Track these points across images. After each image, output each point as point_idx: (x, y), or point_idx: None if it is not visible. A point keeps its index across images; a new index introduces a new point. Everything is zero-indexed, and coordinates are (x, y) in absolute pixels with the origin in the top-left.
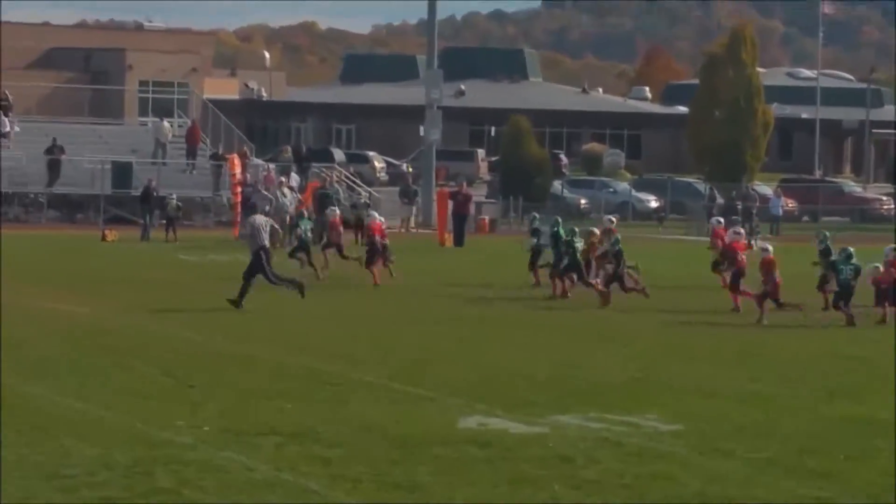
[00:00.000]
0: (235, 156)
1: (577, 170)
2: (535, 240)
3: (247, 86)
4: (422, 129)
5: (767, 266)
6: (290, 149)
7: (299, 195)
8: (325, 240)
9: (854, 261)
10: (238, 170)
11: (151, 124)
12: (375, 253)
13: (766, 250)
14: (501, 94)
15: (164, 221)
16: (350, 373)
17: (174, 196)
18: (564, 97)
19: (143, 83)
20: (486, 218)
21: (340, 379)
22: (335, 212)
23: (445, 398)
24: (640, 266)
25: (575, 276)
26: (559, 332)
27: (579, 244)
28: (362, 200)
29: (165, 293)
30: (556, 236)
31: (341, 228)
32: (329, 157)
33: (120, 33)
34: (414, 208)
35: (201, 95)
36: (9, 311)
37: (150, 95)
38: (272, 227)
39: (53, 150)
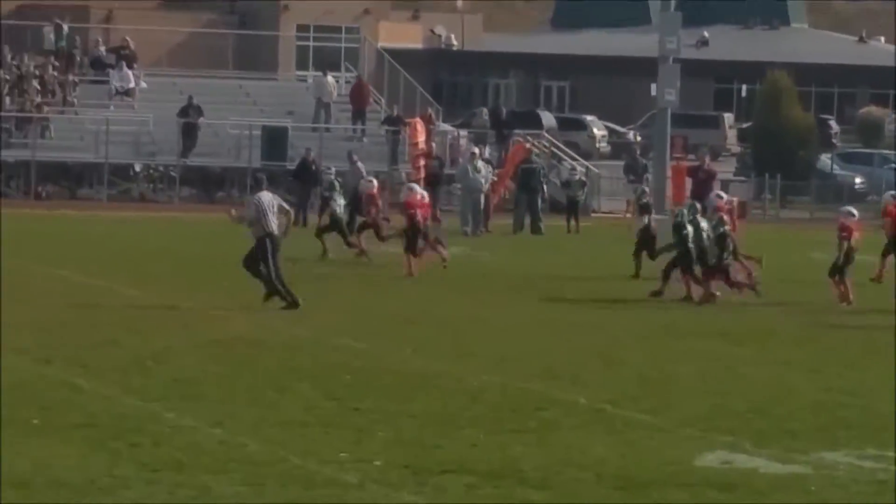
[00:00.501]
0: (418, 120)
1: (851, 140)
2: None
3: (433, 32)
4: (654, 87)
5: None
6: (486, 111)
7: (495, 170)
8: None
9: None
10: (421, 138)
11: (312, 80)
12: (417, 235)
13: None
14: (755, 45)
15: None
16: (558, 394)
17: (332, 170)
18: (836, 48)
19: (301, 28)
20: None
21: (546, 402)
22: (372, 183)
23: (679, 428)
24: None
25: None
26: (822, 348)
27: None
28: (577, 177)
29: (325, 290)
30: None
31: (380, 202)
32: (536, 123)
33: None
34: (643, 188)
35: (375, 44)
36: (147, 317)
37: (311, 44)
38: (280, 206)
39: (189, 112)
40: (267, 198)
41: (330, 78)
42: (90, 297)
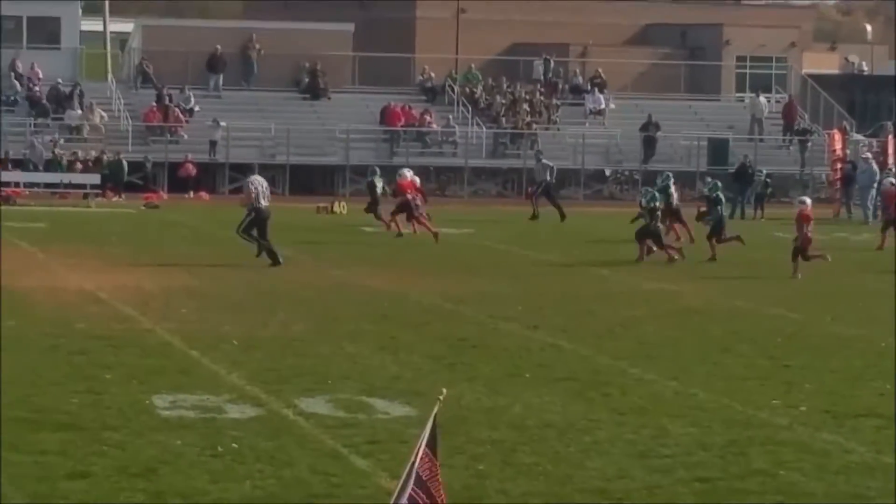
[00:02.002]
0: (836, 132)
1: None
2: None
3: (847, 60)
4: None
5: None
6: (890, 125)
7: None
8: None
9: None
10: (838, 146)
11: (748, 100)
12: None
13: None
14: None
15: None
16: None
17: (763, 172)
18: None
19: (740, 59)
20: None
21: None
22: (405, 174)
23: None
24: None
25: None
26: None
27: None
28: None
29: (755, 272)
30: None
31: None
32: None
33: (717, 9)
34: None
35: (800, 70)
36: (616, 292)
37: (748, 71)
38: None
39: (649, 127)
40: (260, 179)
41: (762, 98)
42: (571, 277)
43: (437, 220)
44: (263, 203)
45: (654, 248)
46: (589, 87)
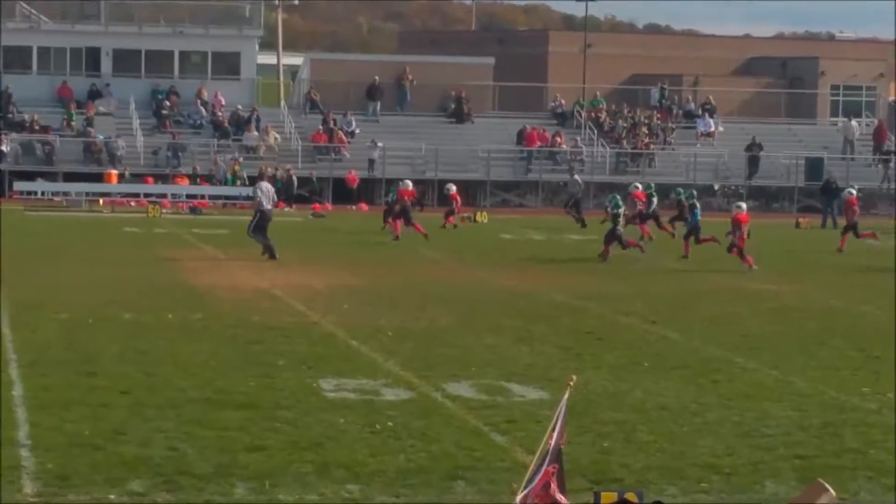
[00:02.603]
0: None
1: None
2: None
3: None
4: None
5: None
6: None
7: None
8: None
9: None
10: None
11: (841, 124)
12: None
13: None
14: None
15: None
16: None
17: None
18: None
19: (834, 87)
20: None
21: None
22: (407, 184)
23: None
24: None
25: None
26: None
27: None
28: None
29: (847, 275)
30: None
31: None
32: None
33: (814, 43)
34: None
35: (888, 98)
36: (723, 291)
37: (841, 98)
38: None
39: (753, 148)
40: (266, 185)
41: (854, 122)
42: (683, 278)
43: (565, 228)
44: (267, 206)
45: (622, 248)
46: (700, 112)
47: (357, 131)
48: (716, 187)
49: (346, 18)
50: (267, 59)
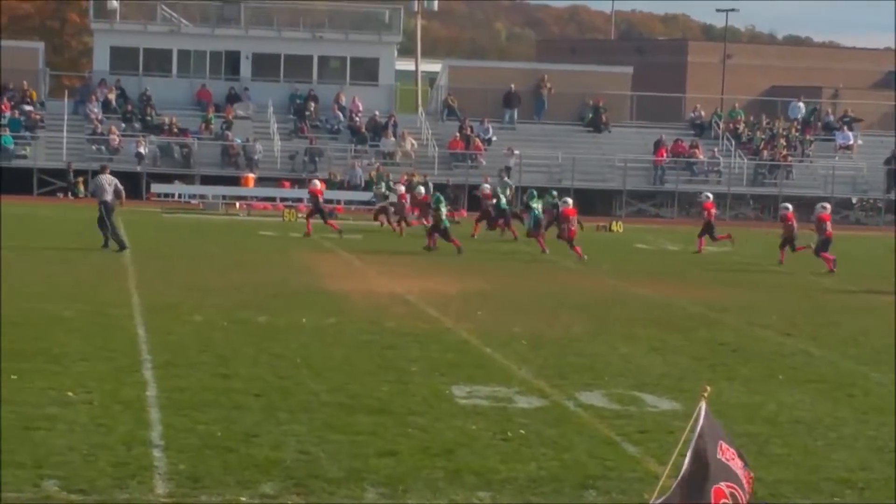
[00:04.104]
0: None
1: None
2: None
3: None
4: None
5: None
6: None
7: None
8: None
9: None
10: None
11: None
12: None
13: None
14: None
15: None
16: None
17: None
18: None
19: None
20: None
21: None
22: (421, 191)
23: None
24: None
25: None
26: None
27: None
28: None
29: None
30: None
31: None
32: None
33: None
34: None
35: None
36: (859, 305)
37: None
38: (116, 185)
39: (892, 161)
40: (104, 178)
41: None
42: (818, 292)
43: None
44: (108, 197)
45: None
46: (839, 125)
47: (494, 139)
48: (854, 200)
49: (485, 25)
50: (405, 65)
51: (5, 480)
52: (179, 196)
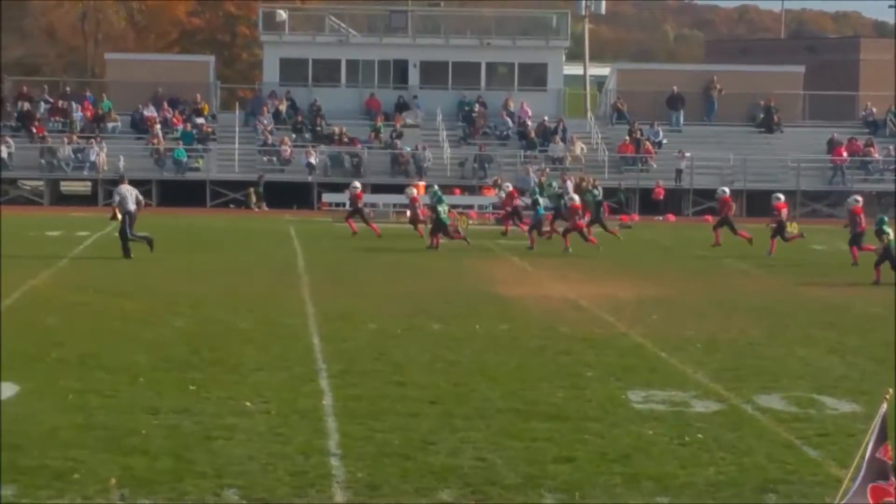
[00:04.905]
0: None
1: None
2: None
3: None
4: None
5: None
6: None
7: None
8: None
9: None
10: None
11: None
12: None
13: None
14: None
15: None
16: None
17: None
18: None
19: None
20: None
21: None
22: (412, 191)
23: None
24: None
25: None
26: None
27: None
28: None
29: None
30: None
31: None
32: None
33: None
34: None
35: None
36: None
37: None
38: (137, 196)
39: None
40: (125, 189)
41: None
42: None
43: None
44: (132, 207)
45: None
46: None
47: (664, 141)
48: None
49: (653, 26)
50: (573, 69)
51: (187, 490)
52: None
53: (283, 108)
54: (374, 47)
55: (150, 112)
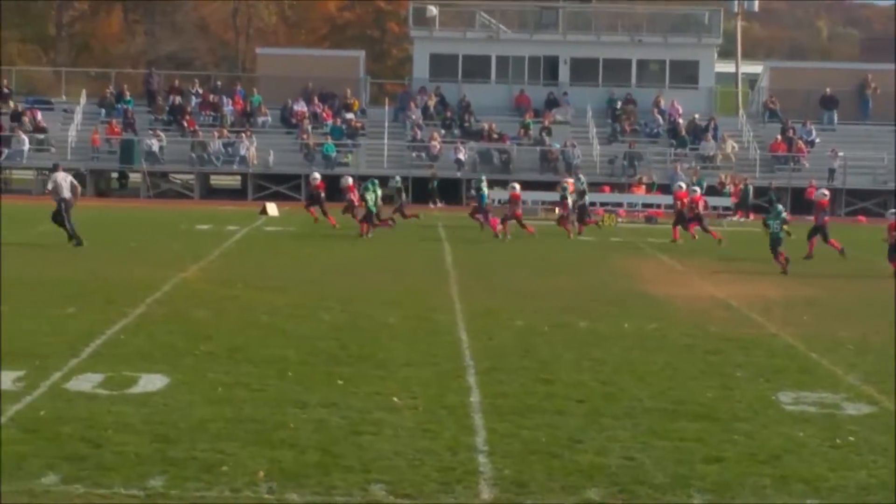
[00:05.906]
0: None
1: None
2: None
3: None
4: None
5: None
6: None
7: None
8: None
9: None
10: None
11: None
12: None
13: None
14: None
15: None
16: None
17: None
18: None
19: None
20: None
21: None
22: (348, 180)
23: None
24: None
25: None
26: None
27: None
28: None
29: None
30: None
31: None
32: None
33: None
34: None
35: None
36: None
37: None
38: (71, 182)
39: None
40: (61, 176)
41: None
42: None
43: None
44: (67, 195)
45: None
46: None
47: (817, 140)
48: None
49: (806, 24)
50: (725, 67)
51: (335, 484)
52: (499, 202)
53: (432, 103)
54: (525, 43)
55: (299, 107)
